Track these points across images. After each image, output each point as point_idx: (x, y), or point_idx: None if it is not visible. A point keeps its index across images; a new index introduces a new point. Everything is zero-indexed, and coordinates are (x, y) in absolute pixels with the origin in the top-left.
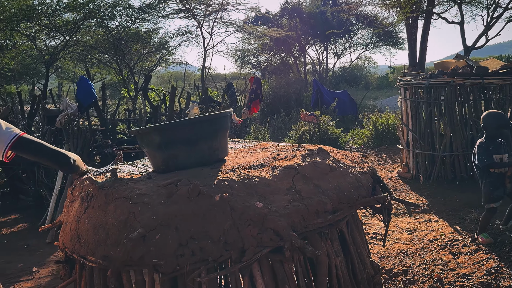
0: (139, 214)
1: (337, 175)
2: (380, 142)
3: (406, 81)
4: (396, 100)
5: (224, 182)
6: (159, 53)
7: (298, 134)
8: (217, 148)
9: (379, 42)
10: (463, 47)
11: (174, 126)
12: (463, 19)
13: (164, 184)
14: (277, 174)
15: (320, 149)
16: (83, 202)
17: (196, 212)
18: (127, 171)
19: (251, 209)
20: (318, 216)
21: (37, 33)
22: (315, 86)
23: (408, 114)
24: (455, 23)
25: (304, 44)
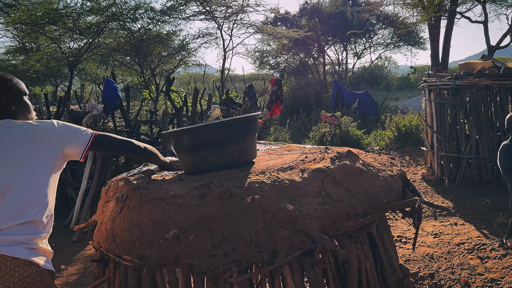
0: (173, 215)
1: (367, 178)
2: (403, 143)
3: (430, 82)
4: (418, 101)
5: (255, 184)
6: (179, 55)
7: (319, 136)
8: (246, 150)
9: (400, 42)
10: (487, 46)
11: (205, 128)
12: (487, 18)
13: (197, 185)
14: (306, 176)
15: (349, 152)
16: (118, 203)
17: (228, 213)
18: (159, 172)
19: (282, 211)
20: (349, 219)
21: (61, 36)
22: (335, 87)
23: (433, 115)
24: (479, 22)
25: (323, 44)
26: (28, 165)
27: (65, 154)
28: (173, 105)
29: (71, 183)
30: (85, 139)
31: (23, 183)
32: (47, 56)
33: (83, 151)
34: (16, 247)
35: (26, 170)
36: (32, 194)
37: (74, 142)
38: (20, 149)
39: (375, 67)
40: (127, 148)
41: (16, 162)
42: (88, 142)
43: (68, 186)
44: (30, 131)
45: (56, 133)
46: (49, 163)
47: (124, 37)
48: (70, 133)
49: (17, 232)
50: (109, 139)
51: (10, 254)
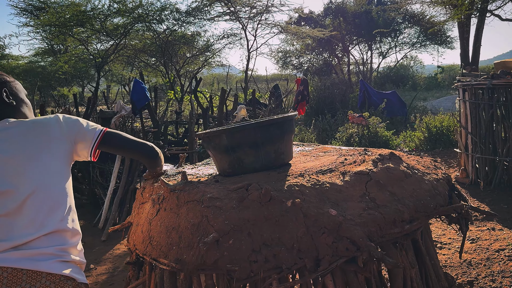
0: (212, 218)
1: (412, 182)
2: (433, 145)
3: (465, 82)
4: (448, 102)
5: (294, 188)
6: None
7: (346, 137)
8: (283, 151)
9: (427, 41)
10: None
11: (242, 129)
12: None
13: (235, 188)
14: (348, 180)
15: (391, 154)
16: (155, 204)
17: (268, 217)
18: (193, 174)
19: (325, 216)
20: (395, 225)
21: (88, 38)
22: (362, 87)
23: (467, 116)
24: (509, 20)
25: (347, 44)
26: (45, 167)
27: (75, 152)
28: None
29: (100, 183)
30: (93, 137)
31: (43, 187)
32: (75, 58)
33: (91, 149)
34: (48, 261)
35: (44, 172)
36: (54, 199)
37: (82, 139)
38: (34, 149)
39: (400, 66)
40: (141, 149)
41: (32, 165)
42: (96, 139)
43: (97, 186)
44: (39, 128)
45: (66, 129)
46: (65, 163)
47: (150, 38)
48: (78, 128)
49: (46, 243)
50: (120, 137)
51: (43, 269)
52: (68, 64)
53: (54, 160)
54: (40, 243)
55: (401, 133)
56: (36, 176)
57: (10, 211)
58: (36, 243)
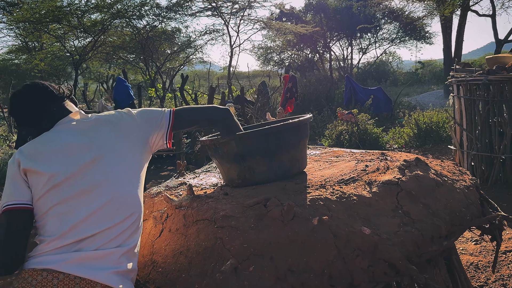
0: (227, 241)
1: (444, 191)
2: (423, 141)
3: (459, 78)
4: (431, 97)
5: (318, 202)
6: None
7: (336, 134)
8: (298, 159)
9: (405, 37)
10: (495, 40)
11: (254, 135)
12: (495, 11)
13: (251, 203)
14: (376, 191)
15: (417, 160)
16: (157, 224)
17: (292, 239)
18: (196, 184)
19: (358, 235)
20: (432, 242)
21: (65, 34)
22: (348, 83)
23: (462, 112)
24: (486, 16)
25: (329, 40)
26: (123, 160)
27: (152, 143)
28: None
29: None
30: (165, 121)
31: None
32: (51, 55)
33: (166, 134)
34: (106, 272)
35: (121, 165)
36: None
37: (156, 128)
38: (115, 142)
39: (380, 62)
40: (213, 117)
41: (111, 156)
42: (169, 124)
43: None
44: (121, 126)
45: (141, 123)
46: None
47: (129, 34)
48: (149, 118)
49: (107, 245)
50: (189, 113)
51: (100, 280)
52: (44, 61)
53: (131, 154)
54: (100, 240)
55: (390, 130)
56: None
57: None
58: (96, 241)
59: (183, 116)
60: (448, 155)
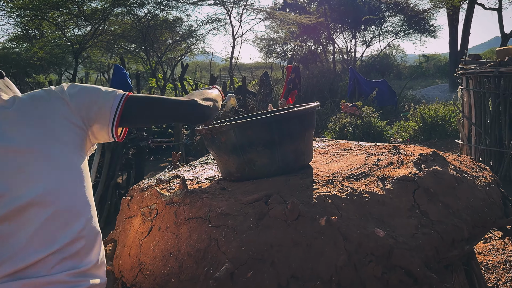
0: (223, 242)
1: (465, 189)
2: (428, 135)
3: (469, 70)
4: (435, 91)
5: (326, 200)
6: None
7: (339, 127)
8: (303, 151)
9: (410, 30)
10: (501, 34)
11: (255, 124)
12: (501, 5)
13: (250, 200)
14: (390, 188)
15: (434, 154)
16: (145, 221)
17: (297, 241)
18: (191, 178)
19: (371, 239)
20: (453, 246)
21: (65, 22)
22: (352, 75)
23: (471, 106)
24: (492, 9)
25: (332, 32)
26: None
27: (93, 135)
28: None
29: None
30: (110, 110)
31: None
32: (51, 43)
33: (111, 129)
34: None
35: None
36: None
37: (98, 116)
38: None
39: (383, 55)
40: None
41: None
42: (115, 114)
43: None
44: (42, 108)
45: (74, 106)
46: (80, 154)
47: (130, 23)
48: (87, 104)
49: (56, 267)
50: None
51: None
52: (44, 50)
53: (66, 153)
54: (48, 265)
55: (395, 123)
56: (44, 176)
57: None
58: (43, 266)
59: (139, 110)
60: (454, 150)
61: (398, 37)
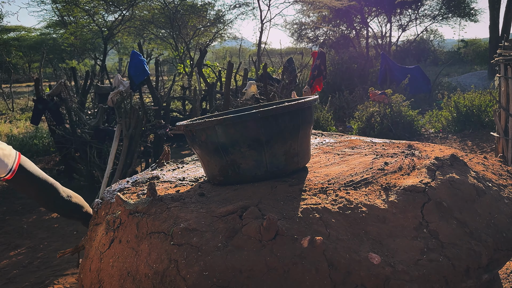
0: (184, 265)
1: (487, 202)
2: (462, 126)
3: (508, 56)
4: (473, 78)
5: (314, 214)
6: (215, 27)
7: (366, 116)
8: (296, 152)
9: (448, 14)
10: None
11: (239, 120)
12: None
13: (223, 213)
14: (394, 200)
15: (453, 158)
16: (108, 231)
17: (272, 266)
18: (172, 180)
19: (363, 266)
20: (468, 276)
21: (95, 8)
22: (384, 61)
23: (509, 95)
24: None
25: (366, 16)
26: None
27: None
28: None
29: (97, 164)
30: None
31: None
32: (81, 29)
33: None
34: None
35: None
36: None
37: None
38: None
39: (420, 40)
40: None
41: None
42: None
43: (95, 168)
44: None
45: None
46: None
47: (158, 8)
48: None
49: None
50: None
51: None
52: (74, 35)
53: None
54: None
55: (427, 113)
56: None
57: None
58: None
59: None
60: (490, 142)
61: (436, 21)
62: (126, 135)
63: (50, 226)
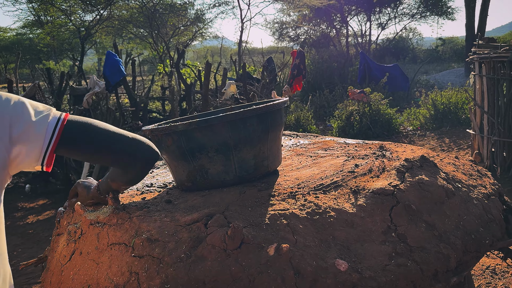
0: (145, 278)
1: (456, 204)
2: (440, 123)
3: (482, 54)
4: (450, 75)
5: (281, 220)
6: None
7: (346, 115)
8: (266, 156)
9: (427, 12)
10: None
11: (205, 124)
12: None
13: (187, 221)
14: (363, 204)
15: (423, 159)
16: (69, 242)
17: (237, 276)
18: (139, 186)
19: (329, 273)
20: (436, 279)
21: (71, 7)
22: (363, 59)
23: (484, 93)
24: None
25: (346, 14)
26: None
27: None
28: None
29: (73, 167)
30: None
31: None
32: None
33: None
34: None
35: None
36: None
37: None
38: None
39: (399, 38)
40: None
41: None
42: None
43: (71, 171)
44: None
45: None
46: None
47: (137, 7)
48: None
49: None
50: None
51: None
52: (50, 35)
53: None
54: None
55: (405, 111)
56: None
57: None
58: None
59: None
60: (467, 139)
61: (415, 19)
62: None
63: (25, 232)
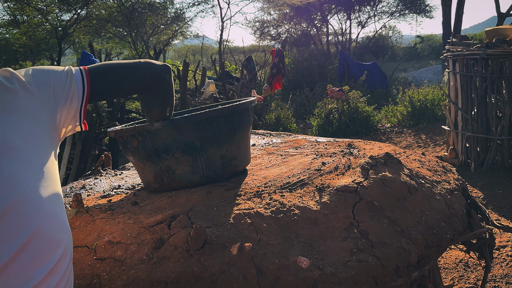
0: (106, 281)
1: (419, 199)
2: (417, 120)
3: (455, 52)
4: (428, 73)
5: (245, 219)
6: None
7: (325, 113)
8: (234, 156)
9: (405, 10)
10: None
11: (170, 125)
12: None
13: (152, 223)
14: (327, 201)
15: (387, 156)
16: None
17: (199, 276)
18: (106, 188)
19: (291, 270)
20: (398, 274)
21: (48, 7)
22: (342, 58)
23: (458, 90)
24: None
25: (326, 13)
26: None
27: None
28: None
29: None
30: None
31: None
32: (34, 29)
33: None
34: None
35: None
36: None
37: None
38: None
39: (379, 36)
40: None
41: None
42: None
43: None
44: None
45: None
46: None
47: (115, 6)
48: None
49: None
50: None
51: None
52: (26, 35)
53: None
54: None
55: (383, 108)
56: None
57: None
58: None
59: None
60: (443, 135)
61: (394, 17)
62: (79, 139)
63: None
